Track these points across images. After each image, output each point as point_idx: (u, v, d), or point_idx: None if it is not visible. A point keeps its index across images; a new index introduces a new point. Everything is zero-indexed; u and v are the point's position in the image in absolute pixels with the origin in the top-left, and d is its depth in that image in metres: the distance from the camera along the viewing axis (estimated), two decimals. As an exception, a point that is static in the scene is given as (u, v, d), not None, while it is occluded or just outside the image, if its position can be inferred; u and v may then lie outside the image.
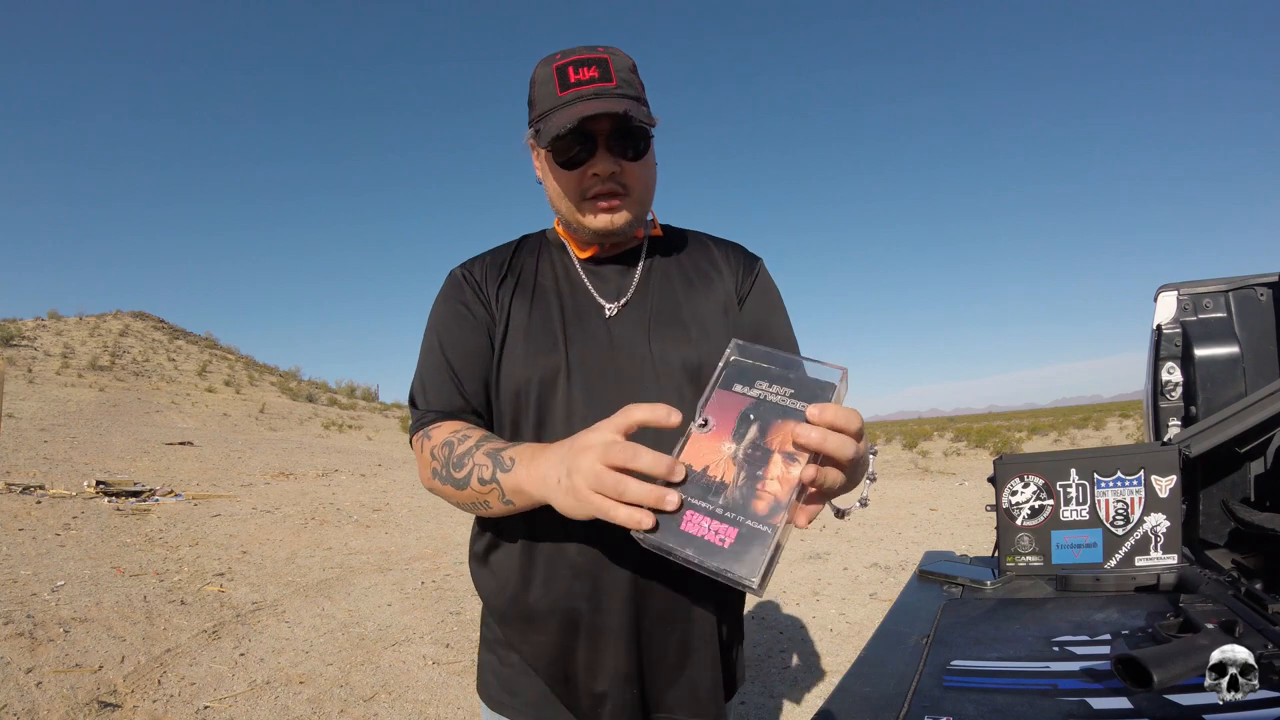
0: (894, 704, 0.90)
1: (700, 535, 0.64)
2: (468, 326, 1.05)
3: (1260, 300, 1.86)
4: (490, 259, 1.12)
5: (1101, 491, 1.46)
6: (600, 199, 1.00)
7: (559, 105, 0.95)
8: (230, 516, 7.23)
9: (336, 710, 3.24)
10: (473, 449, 0.93)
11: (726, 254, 1.15)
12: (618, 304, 1.06)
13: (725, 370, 0.73)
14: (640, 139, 0.99)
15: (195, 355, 25.12)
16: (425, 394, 1.06)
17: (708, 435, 0.69)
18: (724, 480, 0.66)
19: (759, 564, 0.62)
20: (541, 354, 1.01)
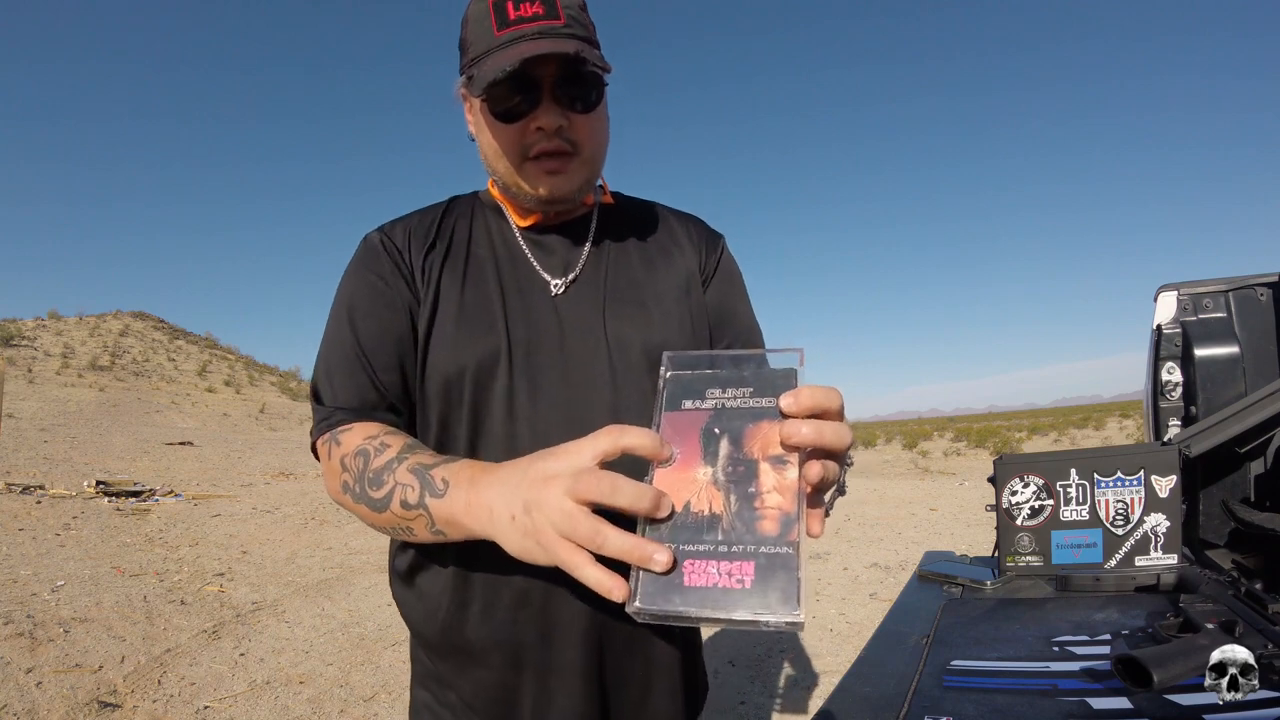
0: (894, 704, 0.90)
1: (713, 584, 0.53)
2: (384, 303, 0.89)
3: (1260, 300, 1.86)
4: (416, 221, 0.95)
5: (1101, 491, 1.46)
6: (545, 159, 0.85)
7: (496, 46, 0.81)
8: (230, 516, 7.24)
9: (336, 710, 3.24)
10: (393, 462, 0.76)
11: (688, 228, 1.03)
12: (565, 280, 0.92)
13: (666, 389, 0.63)
14: (592, 87, 0.85)
15: (195, 355, 25.12)
16: (332, 387, 0.88)
17: (673, 468, 0.58)
18: (714, 511, 0.56)
19: (794, 594, 0.52)
20: (477, 336, 0.86)
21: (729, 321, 1.01)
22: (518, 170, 0.87)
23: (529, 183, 0.87)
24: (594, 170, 0.91)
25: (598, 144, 0.89)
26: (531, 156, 0.85)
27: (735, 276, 1.04)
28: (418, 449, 0.78)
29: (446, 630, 0.87)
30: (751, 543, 0.54)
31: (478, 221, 0.96)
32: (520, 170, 0.87)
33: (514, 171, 0.87)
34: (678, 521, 0.56)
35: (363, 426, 0.84)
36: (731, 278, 1.03)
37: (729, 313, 1.01)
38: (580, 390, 0.86)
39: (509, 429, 0.85)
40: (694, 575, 0.53)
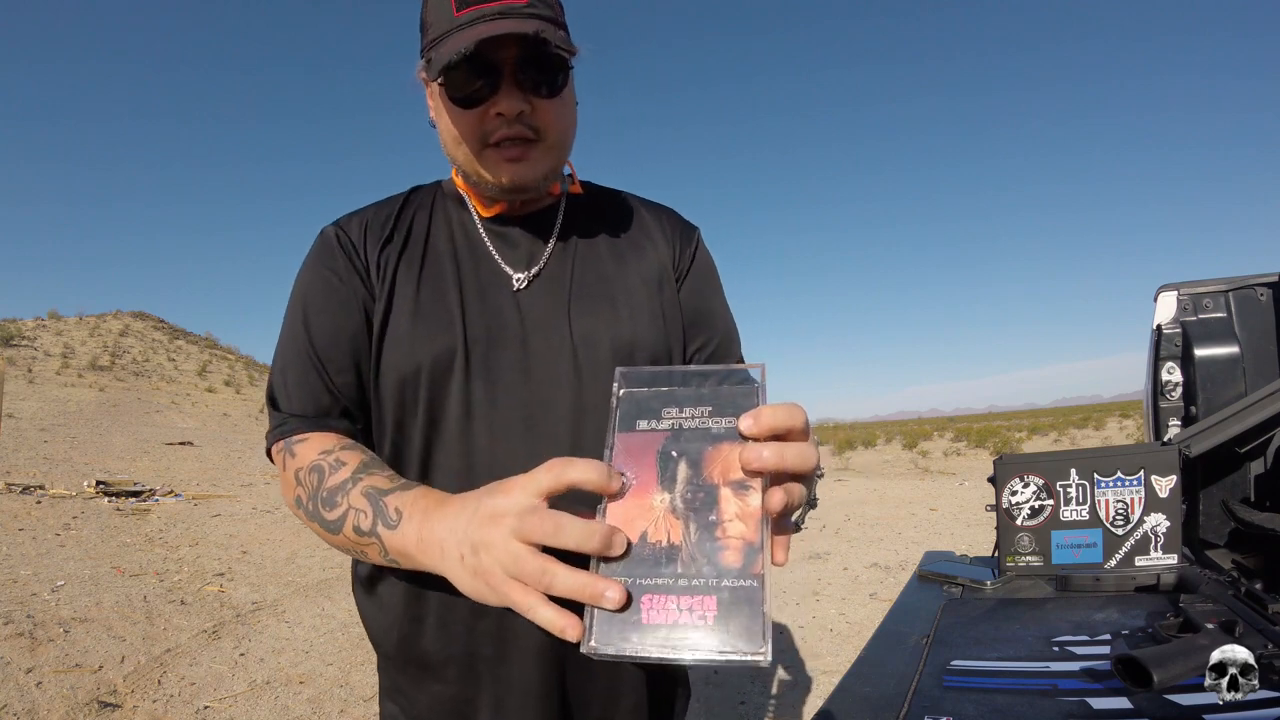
0: (894, 704, 0.90)
1: (673, 621, 0.50)
2: (338, 301, 0.85)
3: (1260, 300, 1.86)
4: (372, 214, 0.90)
5: (1101, 491, 1.46)
6: (506, 146, 0.81)
7: (455, 27, 0.77)
8: (230, 516, 7.24)
9: (336, 710, 3.24)
10: (348, 483, 0.73)
11: (660, 221, 0.98)
12: (528, 273, 0.88)
13: (619, 409, 0.58)
14: (557, 71, 0.80)
15: (195, 355, 25.12)
16: (286, 390, 0.85)
17: (628, 495, 0.54)
18: (673, 542, 0.52)
19: (759, 629, 0.49)
20: (432, 334, 0.82)
21: (705, 320, 0.97)
22: (478, 158, 0.83)
23: (490, 171, 0.83)
24: (559, 158, 0.86)
25: (562, 130, 0.85)
26: (492, 143, 0.81)
27: (711, 272, 1.00)
28: (372, 468, 0.75)
29: (403, 642, 0.85)
30: (713, 575, 0.51)
31: (438, 213, 0.92)
32: (480, 158, 0.82)
33: (474, 159, 0.83)
34: (634, 554, 0.52)
35: (319, 438, 0.81)
36: (707, 274, 0.99)
37: (705, 311, 0.97)
38: (542, 390, 0.82)
39: (465, 430, 0.81)
40: (653, 612, 0.50)
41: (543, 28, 0.76)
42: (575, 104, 0.87)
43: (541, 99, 0.80)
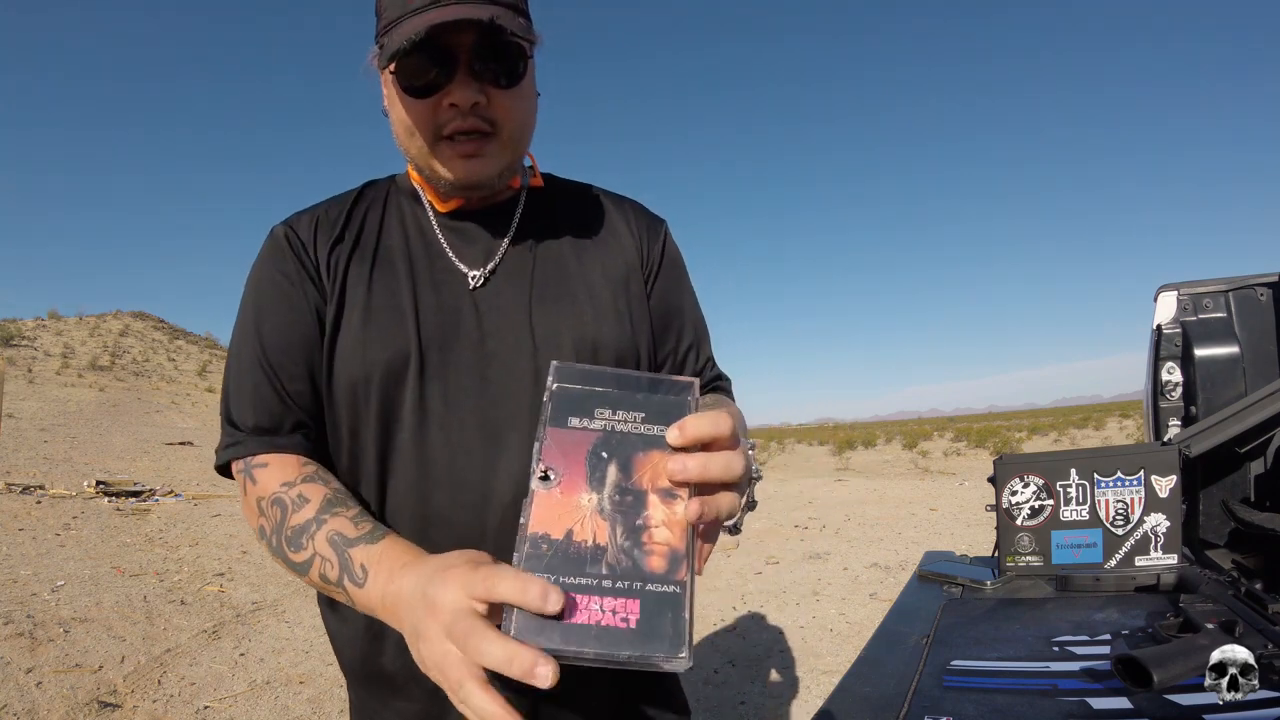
0: (894, 704, 0.90)
1: (596, 622, 0.50)
2: (288, 305, 0.81)
3: (1260, 300, 1.86)
4: (323, 212, 0.86)
5: (1101, 491, 1.46)
6: (460, 140, 0.77)
7: (409, 12, 0.73)
8: (230, 516, 7.23)
9: (336, 710, 3.24)
10: (311, 524, 0.71)
11: (625, 214, 0.94)
12: (484, 270, 0.84)
13: (552, 402, 0.57)
14: (515, 60, 0.76)
15: (195, 355, 25.12)
16: (240, 401, 0.81)
17: (556, 490, 0.54)
18: (598, 542, 0.52)
19: (681, 634, 0.50)
20: (384, 338, 0.79)
21: (675, 318, 0.94)
22: (431, 150, 0.78)
23: (443, 165, 0.79)
24: (516, 153, 0.82)
25: (519, 123, 0.80)
26: (445, 135, 0.77)
27: (679, 267, 0.97)
28: (336, 506, 0.73)
29: (365, 659, 0.82)
30: (638, 579, 0.51)
31: (391, 209, 0.88)
32: (434, 151, 0.78)
33: (427, 152, 0.79)
34: (559, 550, 0.51)
35: (279, 463, 0.78)
36: (676, 270, 0.96)
37: (675, 307, 0.94)
38: (501, 392, 0.79)
39: (420, 439, 0.78)
40: (576, 611, 0.50)
41: (499, 14, 0.72)
42: (535, 95, 0.84)
43: (498, 90, 0.76)
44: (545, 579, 0.50)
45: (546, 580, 0.50)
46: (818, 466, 19.18)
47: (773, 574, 5.73)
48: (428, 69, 0.74)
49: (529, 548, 0.52)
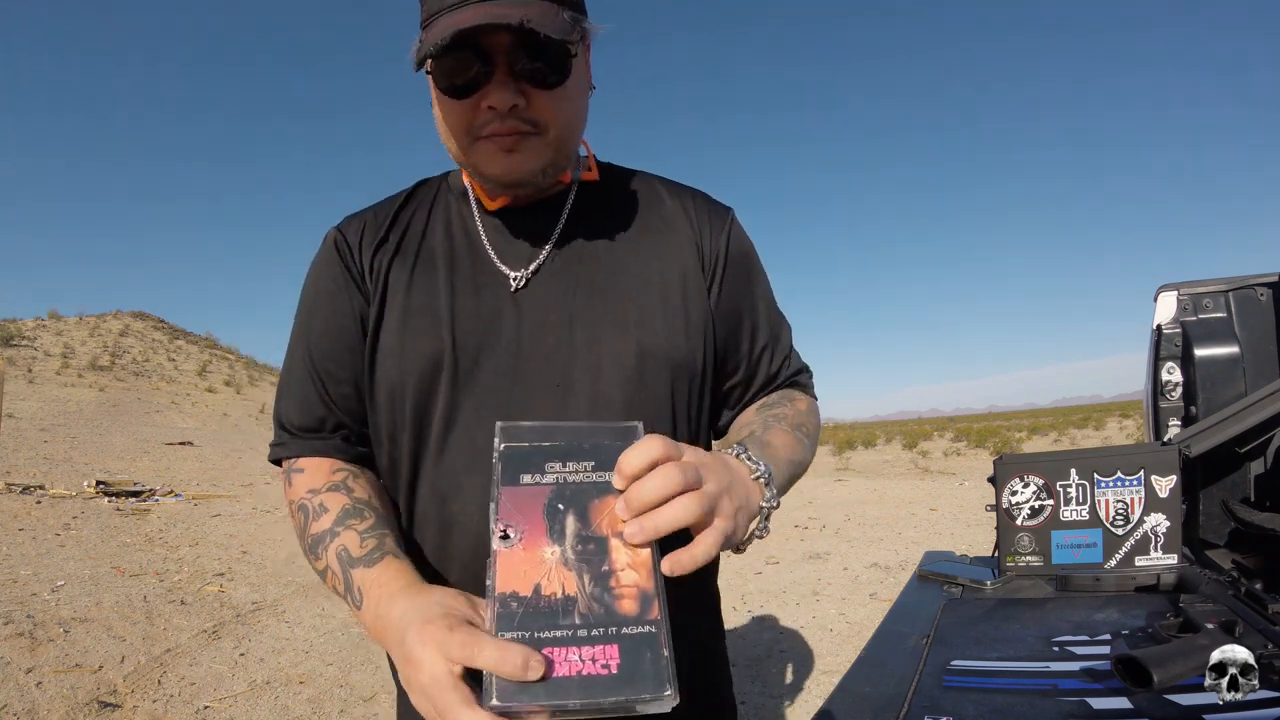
0: (894, 704, 0.89)
1: (577, 673, 0.49)
2: (334, 309, 0.82)
3: (1260, 300, 1.86)
4: (372, 215, 0.86)
5: (1101, 491, 1.46)
6: (498, 137, 0.73)
7: (446, 8, 0.70)
8: (230, 516, 7.23)
9: (336, 710, 3.24)
10: (326, 536, 0.73)
11: (686, 206, 0.87)
12: (526, 271, 0.80)
13: (501, 463, 0.58)
14: (558, 59, 0.72)
15: (195, 355, 25.12)
16: (288, 402, 0.83)
17: (518, 547, 0.54)
18: (568, 593, 0.52)
19: (663, 672, 0.50)
20: (419, 342, 0.77)
21: (744, 316, 0.87)
22: (468, 151, 0.76)
23: (481, 163, 0.76)
24: (561, 151, 0.78)
25: (564, 123, 0.76)
26: (484, 135, 0.74)
27: (748, 260, 0.88)
28: (350, 518, 0.73)
29: None
30: (612, 624, 0.51)
31: (438, 209, 0.85)
32: (471, 150, 0.75)
33: (464, 152, 0.76)
34: (530, 606, 0.51)
35: (314, 468, 0.80)
36: (743, 263, 0.87)
37: (743, 306, 0.87)
38: (532, 399, 0.76)
39: (446, 443, 0.77)
40: (556, 665, 0.49)
41: (533, 14, 0.67)
42: (585, 92, 0.79)
43: (539, 90, 0.72)
44: (520, 636, 0.50)
45: (522, 638, 0.50)
46: (818, 466, 19.21)
47: (773, 574, 5.73)
48: (464, 69, 0.71)
49: (499, 608, 0.51)
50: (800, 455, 0.83)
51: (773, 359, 0.91)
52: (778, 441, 0.80)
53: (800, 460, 0.83)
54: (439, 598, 0.59)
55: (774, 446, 0.78)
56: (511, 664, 0.48)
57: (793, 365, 0.94)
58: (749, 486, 0.66)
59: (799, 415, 0.87)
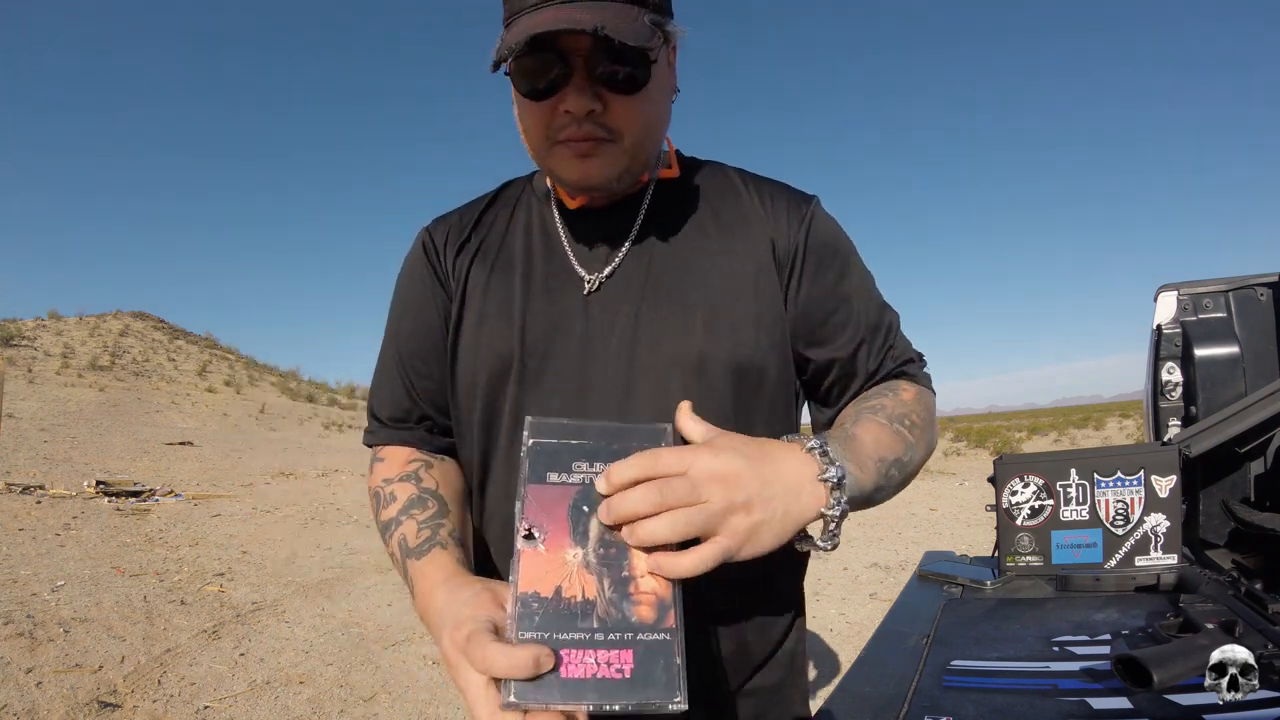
0: (894, 704, 0.90)
1: (592, 675, 0.51)
2: (420, 306, 0.85)
3: (1260, 300, 1.86)
4: (458, 216, 0.88)
5: (1101, 491, 1.46)
6: (573, 143, 0.73)
7: (526, 9, 0.69)
8: (230, 516, 7.23)
9: (336, 710, 3.24)
10: (391, 525, 0.77)
11: (764, 199, 0.83)
12: (601, 274, 0.79)
13: (529, 459, 0.58)
14: (636, 64, 0.70)
15: (195, 355, 25.12)
16: (378, 396, 0.88)
17: (542, 548, 0.55)
18: (588, 596, 0.54)
19: (674, 679, 0.52)
20: (492, 342, 0.79)
21: (831, 312, 0.82)
22: (546, 154, 0.76)
23: (558, 168, 0.76)
24: (639, 156, 0.76)
25: (642, 129, 0.74)
26: (561, 140, 0.73)
27: (833, 251, 0.83)
28: (413, 509, 0.77)
29: None
30: (628, 630, 0.53)
31: (520, 210, 0.86)
32: (548, 154, 0.75)
33: (544, 153, 0.76)
34: (549, 608, 0.53)
35: (393, 456, 0.84)
36: (827, 254, 0.82)
37: (831, 301, 0.82)
38: (595, 403, 0.76)
39: (512, 447, 0.78)
40: (571, 666, 0.51)
41: (609, 19, 0.65)
42: (667, 95, 0.78)
43: (617, 95, 0.71)
44: (539, 637, 0.52)
45: (541, 639, 0.52)
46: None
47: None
48: (542, 71, 0.70)
49: (520, 608, 0.53)
50: (899, 451, 0.76)
51: (871, 353, 0.85)
52: (867, 436, 0.73)
53: (900, 458, 0.75)
54: (469, 596, 0.60)
55: (861, 442, 0.72)
56: (521, 668, 0.50)
57: (898, 355, 0.87)
58: (799, 492, 0.60)
59: (901, 406, 0.80)
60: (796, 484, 0.61)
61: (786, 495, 0.60)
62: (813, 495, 0.61)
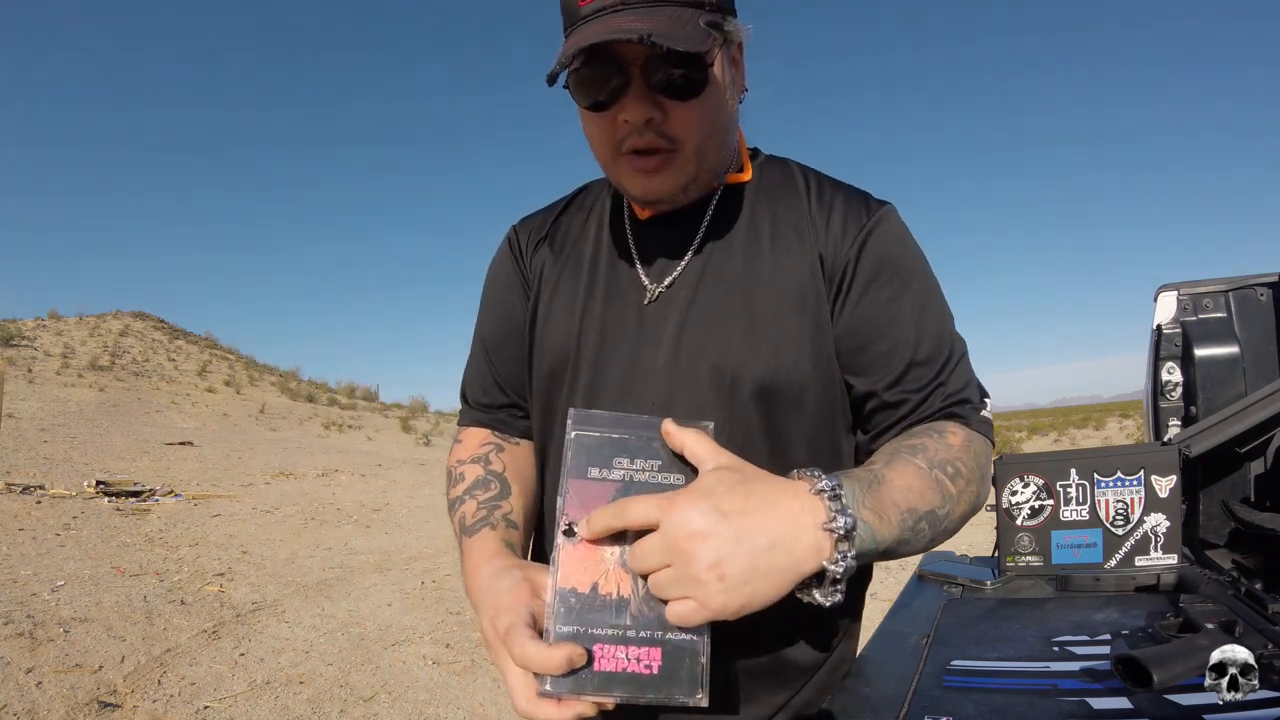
0: (894, 704, 0.89)
1: (622, 669, 0.54)
2: (502, 300, 0.90)
3: (1260, 300, 1.86)
4: (540, 217, 0.92)
5: (1101, 491, 1.46)
6: (636, 156, 0.72)
7: (580, 19, 0.69)
8: (230, 516, 7.23)
9: (336, 710, 3.24)
10: (456, 504, 0.81)
11: (825, 207, 0.78)
12: (662, 284, 0.79)
13: (571, 451, 0.58)
14: (692, 68, 0.68)
15: (195, 355, 25.12)
16: (468, 380, 0.94)
17: (581, 545, 0.56)
18: (622, 595, 0.55)
19: (698, 678, 0.55)
20: (554, 343, 0.83)
21: (879, 335, 0.76)
22: (611, 166, 0.76)
23: (624, 180, 0.76)
24: (703, 165, 0.75)
25: (703, 135, 0.72)
26: (625, 151, 0.72)
27: (890, 268, 0.76)
28: (477, 489, 0.81)
29: None
30: (659, 629, 0.55)
31: (594, 213, 0.88)
32: (614, 166, 0.75)
33: (609, 165, 0.76)
34: (586, 603, 0.55)
35: (470, 437, 0.89)
36: (883, 271, 0.76)
37: (882, 319, 0.76)
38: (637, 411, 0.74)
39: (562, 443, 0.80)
40: (603, 660, 0.54)
41: (660, 25, 0.64)
42: (732, 98, 0.76)
43: (675, 101, 0.70)
44: (575, 631, 0.55)
45: (577, 633, 0.55)
46: (818, 466, 19.15)
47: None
48: (600, 83, 0.70)
49: (560, 603, 0.56)
50: (934, 503, 0.68)
51: (921, 383, 0.77)
52: (899, 481, 0.66)
53: (934, 510, 0.68)
54: (509, 585, 0.62)
55: (890, 487, 0.65)
56: (555, 667, 0.53)
57: (951, 393, 0.78)
58: (793, 543, 0.55)
59: (946, 451, 0.72)
60: (790, 534, 0.55)
61: (773, 550, 0.54)
62: (811, 546, 0.55)
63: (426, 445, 18.41)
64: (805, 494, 0.57)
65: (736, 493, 0.55)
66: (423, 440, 19.02)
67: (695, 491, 0.56)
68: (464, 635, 4.31)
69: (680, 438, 0.60)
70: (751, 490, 0.56)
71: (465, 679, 3.65)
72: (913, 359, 0.77)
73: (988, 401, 0.82)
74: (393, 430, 20.38)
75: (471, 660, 3.91)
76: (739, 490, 0.56)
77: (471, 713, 3.30)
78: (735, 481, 0.56)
